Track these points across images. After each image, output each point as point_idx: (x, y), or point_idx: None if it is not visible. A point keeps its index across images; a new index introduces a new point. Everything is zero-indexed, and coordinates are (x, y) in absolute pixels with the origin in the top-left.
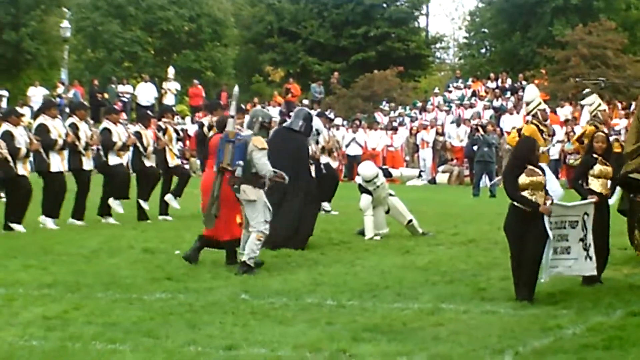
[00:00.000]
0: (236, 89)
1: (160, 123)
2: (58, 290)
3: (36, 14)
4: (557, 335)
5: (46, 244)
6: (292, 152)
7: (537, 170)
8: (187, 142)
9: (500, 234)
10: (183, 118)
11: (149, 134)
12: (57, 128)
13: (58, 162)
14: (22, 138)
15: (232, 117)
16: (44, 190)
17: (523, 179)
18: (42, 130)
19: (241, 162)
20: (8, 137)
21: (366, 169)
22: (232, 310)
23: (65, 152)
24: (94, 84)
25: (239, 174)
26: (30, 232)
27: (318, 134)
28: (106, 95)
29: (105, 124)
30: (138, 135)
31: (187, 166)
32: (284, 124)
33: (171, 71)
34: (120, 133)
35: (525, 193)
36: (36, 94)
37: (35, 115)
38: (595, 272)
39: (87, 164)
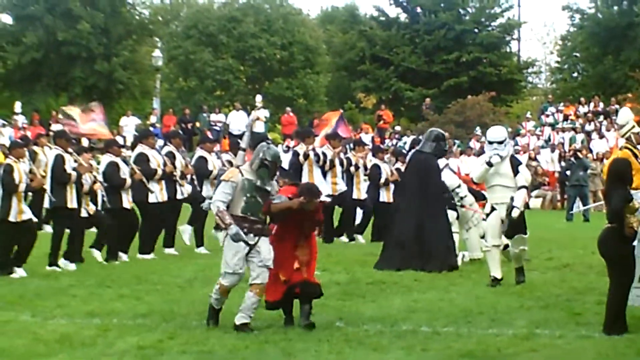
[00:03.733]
0: (252, 116)
1: None
2: (153, 319)
3: (128, 43)
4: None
5: (140, 273)
6: (421, 176)
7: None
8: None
9: (595, 258)
10: (276, 146)
11: None
12: (156, 157)
13: (157, 193)
14: (125, 169)
15: (244, 150)
16: (142, 222)
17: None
18: (142, 159)
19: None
20: (113, 168)
21: (447, 177)
22: (326, 338)
23: (164, 182)
24: (185, 112)
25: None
26: (124, 262)
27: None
28: (198, 124)
29: (200, 152)
30: (230, 164)
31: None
32: (416, 148)
33: (259, 99)
34: (214, 162)
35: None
36: (128, 124)
37: (133, 145)
38: None
39: (181, 193)
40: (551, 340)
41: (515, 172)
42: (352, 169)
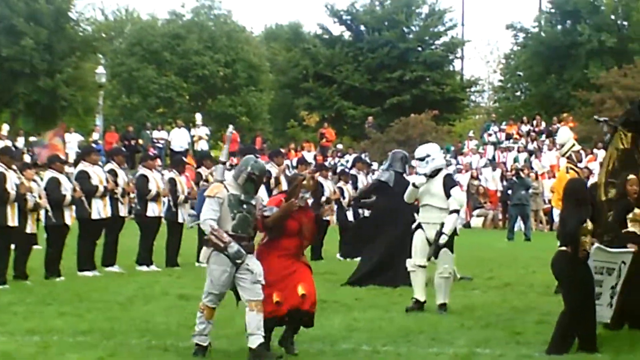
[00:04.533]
0: (229, 131)
1: (200, 170)
2: (93, 337)
3: (72, 60)
4: None
5: (81, 291)
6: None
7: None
8: None
9: (536, 277)
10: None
11: (182, 180)
12: (98, 174)
13: (100, 209)
14: (68, 185)
15: (224, 163)
16: (81, 238)
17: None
18: (84, 176)
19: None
20: (54, 184)
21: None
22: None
23: (107, 199)
24: (128, 130)
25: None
26: (65, 279)
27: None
28: (141, 141)
29: (142, 170)
30: (172, 181)
31: None
32: (391, 169)
33: (198, 117)
34: (157, 180)
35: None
36: (71, 140)
37: (75, 162)
38: (608, 321)
39: (122, 210)
40: (492, 359)
41: (448, 194)
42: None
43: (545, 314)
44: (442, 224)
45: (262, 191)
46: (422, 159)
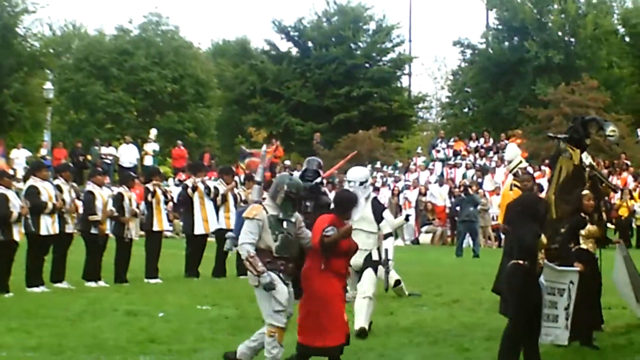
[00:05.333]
0: (264, 149)
1: (148, 185)
2: (42, 353)
3: (19, 75)
4: None
5: (30, 306)
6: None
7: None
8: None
9: (485, 294)
10: (166, 179)
11: (132, 195)
12: (48, 190)
13: (49, 225)
14: (16, 201)
15: (259, 184)
16: (29, 254)
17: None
18: (34, 192)
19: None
20: (1, 199)
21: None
22: None
23: (56, 215)
24: (77, 145)
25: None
26: (13, 295)
27: None
28: (89, 157)
29: (90, 186)
30: (120, 196)
31: (170, 228)
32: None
33: (153, 132)
34: (103, 195)
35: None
36: (19, 156)
37: (25, 177)
38: (566, 343)
39: (70, 226)
40: None
41: (379, 218)
42: (242, 205)
43: (493, 331)
44: (386, 251)
45: (209, 207)
46: (362, 183)
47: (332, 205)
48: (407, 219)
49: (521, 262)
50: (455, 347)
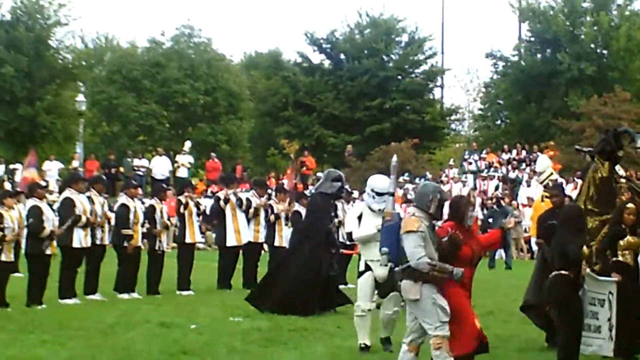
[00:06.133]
0: (394, 160)
1: (181, 197)
2: None
3: (51, 87)
4: None
5: (62, 318)
6: (314, 217)
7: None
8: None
9: (518, 306)
10: (200, 192)
11: (164, 208)
12: (83, 203)
13: (82, 238)
14: (49, 214)
15: (392, 194)
16: (63, 267)
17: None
18: (68, 204)
19: (385, 249)
20: (36, 212)
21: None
22: None
23: (89, 228)
24: (110, 157)
25: (382, 263)
26: (46, 307)
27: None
28: (122, 169)
29: (123, 199)
30: (152, 209)
31: (203, 240)
32: (316, 188)
33: (187, 144)
34: (137, 209)
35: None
36: (51, 168)
37: (60, 189)
38: (612, 354)
39: (103, 239)
40: None
41: None
42: (272, 217)
43: (527, 342)
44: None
45: (241, 219)
46: (383, 194)
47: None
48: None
49: (565, 272)
50: (489, 359)
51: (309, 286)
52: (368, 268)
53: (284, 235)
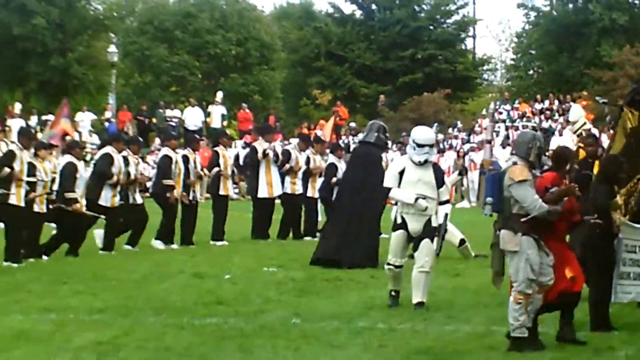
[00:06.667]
0: (491, 107)
1: (217, 149)
2: (109, 315)
3: (83, 39)
4: (609, 357)
5: (96, 269)
6: (364, 167)
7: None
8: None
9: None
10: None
11: (197, 158)
12: (120, 162)
13: (109, 198)
14: (83, 172)
15: (489, 142)
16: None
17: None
18: (106, 160)
19: (489, 199)
20: (71, 169)
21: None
22: (283, 335)
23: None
24: (142, 108)
25: (486, 213)
26: (80, 258)
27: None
28: (154, 120)
29: (165, 150)
30: (185, 159)
31: (236, 190)
32: (360, 139)
33: (219, 95)
34: (179, 161)
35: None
36: (84, 119)
37: (101, 145)
38: None
39: (136, 198)
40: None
41: (440, 183)
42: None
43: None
44: (446, 216)
45: (275, 172)
46: (431, 146)
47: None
48: (460, 173)
49: (598, 221)
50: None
51: (360, 239)
52: (403, 220)
53: (316, 187)
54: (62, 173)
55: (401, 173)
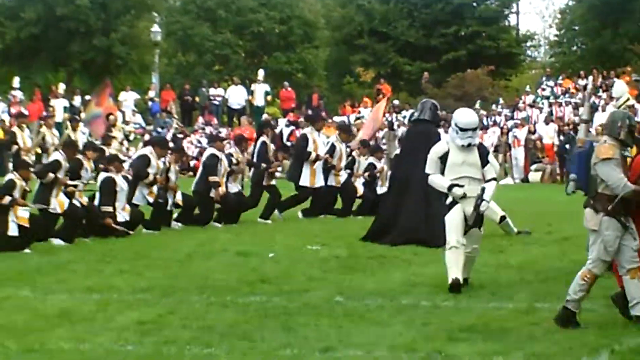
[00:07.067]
0: (589, 87)
1: (264, 139)
2: (153, 294)
3: (126, 19)
4: None
5: (140, 248)
6: (424, 143)
7: None
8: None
9: None
10: (276, 121)
11: (243, 156)
12: (158, 164)
13: (143, 195)
14: (123, 184)
15: (586, 122)
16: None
17: None
18: (143, 161)
19: (573, 176)
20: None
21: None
22: (327, 313)
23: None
24: (185, 87)
25: (569, 191)
26: (125, 238)
27: None
28: (197, 99)
29: (213, 150)
30: (230, 155)
31: (280, 169)
32: (414, 118)
33: (261, 73)
34: (225, 161)
35: None
36: (127, 99)
37: (144, 145)
38: None
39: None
40: (552, 314)
41: (484, 162)
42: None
43: None
44: (483, 189)
45: (318, 164)
46: (474, 129)
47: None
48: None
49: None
50: (566, 285)
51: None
52: (454, 202)
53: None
54: (100, 188)
55: (443, 157)
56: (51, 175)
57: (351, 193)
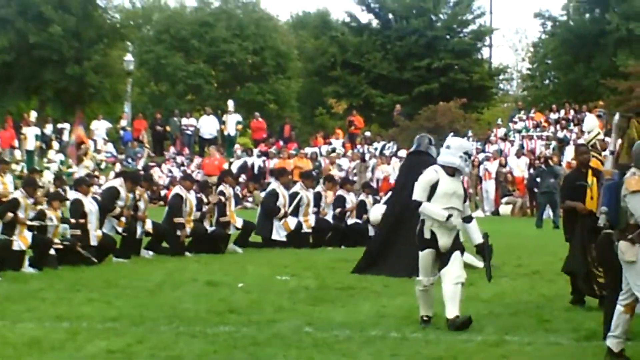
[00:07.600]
0: (616, 118)
1: (221, 188)
2: (122, 323)
3: (99, 47)
4: None
5: (110, 277)
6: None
7: None
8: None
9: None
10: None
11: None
12: (128, 197)
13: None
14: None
15: (612, 152)
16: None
17: None
18: (112, 195)
19: (604, 208)
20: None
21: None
22: (296, 344)
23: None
24: (157, 117)
25: (600, 223)
26: (94, 266)
27: None
28: (168, 128)
29: (178, 190)
30: (200, 200)
31: (250, 199)
32: (411, 150)
33: (230, 104)
34: (191, 200)
35: None
36: (99, 127)
37: (115, 176)
38: None
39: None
40: (520, 347)
41: (466, 195)
42: (322, 205)
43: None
44: (485, 235)
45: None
46: (470, 155)
47: None
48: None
49: (610, 232)
50: (535, 318)
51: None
52: (433, 235)
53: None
54: (70, 209)
55: (434, 185)
56: (10, 214)
57: (322, 232)
